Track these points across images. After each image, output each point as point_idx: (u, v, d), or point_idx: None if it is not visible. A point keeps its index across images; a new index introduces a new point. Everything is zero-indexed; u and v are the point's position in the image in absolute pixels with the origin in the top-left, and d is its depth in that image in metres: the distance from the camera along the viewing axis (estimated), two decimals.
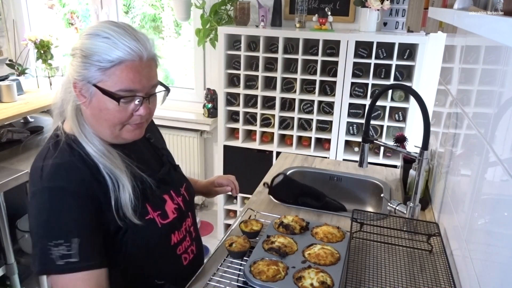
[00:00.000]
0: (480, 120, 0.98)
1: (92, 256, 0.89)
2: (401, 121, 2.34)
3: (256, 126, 2.56)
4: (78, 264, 0.86)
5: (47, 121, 2.74)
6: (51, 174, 0.90)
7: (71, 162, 0.93)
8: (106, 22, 0.94)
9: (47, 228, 0.88)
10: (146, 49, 0.92)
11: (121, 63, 0.89)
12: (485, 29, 0.65)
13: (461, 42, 1.33)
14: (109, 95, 0.90)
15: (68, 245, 0.86)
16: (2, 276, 2.14)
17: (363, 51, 2.30)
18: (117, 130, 0.96)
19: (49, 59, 2.64)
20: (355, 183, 1.78)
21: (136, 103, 0.93)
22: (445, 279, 1.05)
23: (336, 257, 1.11)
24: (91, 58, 0.89)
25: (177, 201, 1.11)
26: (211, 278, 1.10)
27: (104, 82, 0.90)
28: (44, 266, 0.87)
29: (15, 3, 3.19)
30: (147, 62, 0.93)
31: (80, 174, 0.92)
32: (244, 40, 2.43)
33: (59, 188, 0.89)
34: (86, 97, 0.92)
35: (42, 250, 0.86)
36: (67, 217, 0.88)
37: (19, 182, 1.96)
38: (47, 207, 0.88)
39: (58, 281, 0.88)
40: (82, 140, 0.95)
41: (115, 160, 0.96)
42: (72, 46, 0.94)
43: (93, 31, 0.91)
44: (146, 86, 0.94)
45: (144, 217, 1.00)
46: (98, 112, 0.93)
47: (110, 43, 0.89)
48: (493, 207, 0.82)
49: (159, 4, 3.50)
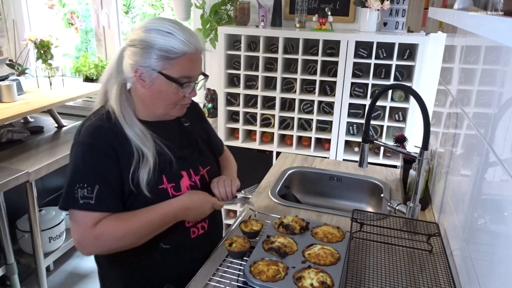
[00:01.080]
0: (480, 120, 0.98)
1: (106, 202, 1.07)
2: (401, 121, 2.34)
3: (256, 126, 2.56)
4: (93, 206, 1.05)
5: (47, 121, 2.74)
6: (85, 132, 1.11)
7: (102, 126, 1.11)
8: (158, 18, 1.11)
9: (77, 174, 1.07)
10: (198, 42, 1.10)
11: (184, 55, 1.07)
12: (485, 29, 0.65)
13: (461, 42, 1.33)
14: (174, 80, 1.08)
15: (90, 190, 1.05)
16: (2, 276, 2.14)
17: (363, 51, 2.30)
18: (170, 108, 1.15)
19: (49, 59, 2.64)
20: (355, 183, 1.78)
21: (190, 87, 1.13)
22: (445, 279, 1.05)
23: (336, 257, 1.11)
24: (157, 49, 1.05)
25: (194, 179, 1.22)
26: (211, 278, 1.10)
27: (168, 69, 1.07)
28: (69, 202, 1.06)
29: (15, 3, 3.19)
30: (199, 55, 1.13)
31: (107, 136, 1.10)
32: (244, 40, 2.43)
33: (88, 144, 1.09)
34: (146, 81, 1.09)
35: (70, 190, 1.06)
36: (92, 167, 1.07)
37: (19, 182, 1.96)
38: (79, 158, 1.08)
39: (74, 215, 1.07)
40: (121, 120, 1.11)
41: (146, 141, 1.12)
42: (131, 38, 1.10)
43: (153, 26, 1.07)
44: (198, 72, 1.14)
45: (158, 186, 1.13)
46: (158, 94, 1.11)
47: (173, 38, 1.05)
48: (493, 207, 0.82)
49: (159, 4, 3.50)
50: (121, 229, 1.07)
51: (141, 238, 1.10)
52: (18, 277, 2.18)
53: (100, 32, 3.13)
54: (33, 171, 2.01)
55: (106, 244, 1.07)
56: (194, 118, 1.33)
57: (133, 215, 1.09)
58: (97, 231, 1.05)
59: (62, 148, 2.30)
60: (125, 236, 1.07)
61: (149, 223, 1.09)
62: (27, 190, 2.05)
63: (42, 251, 2.18)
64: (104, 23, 3.10)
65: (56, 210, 2.44)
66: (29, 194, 2.06)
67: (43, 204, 2.57)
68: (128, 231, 1.07)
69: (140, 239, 1.10)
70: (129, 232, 1.07)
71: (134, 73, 1.09)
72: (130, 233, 1.08)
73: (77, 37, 3.43)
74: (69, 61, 3.39)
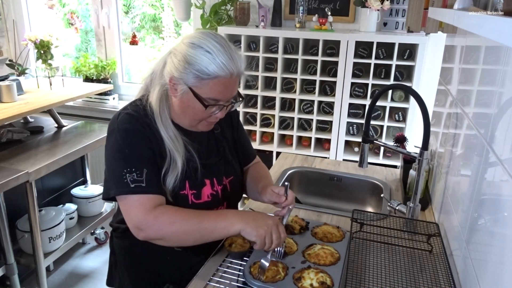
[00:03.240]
0: (480, 120, 0.97)
1: (155, 184, 1.10)
2: (401, 121, 2.34)
3: (256, 126, 2.56)
4: (145, 188, 1.07)
5: (47, 121, 2.74)
6: (122, 119, 1.12)
7: (141, 118, 1.13)
8: (208, 34, 1.09)
9: (123, 159, 1.08)
10: (236, 68, 1.08)
11: (216, 78, 1.05)
12: (485, 29, 0.65)
13: (461, 42, 1.33)
14: (199, 100, 1.08)
15: (139, 173, 1.07)
16: (2, 276, 2.14)
17: (363, 51, 2.30)
18: (195, 123, 1.16)
19: (49, 59, 2.63)
20: (355, 183, 1.78)
21: (217, 108, 1.12)
22: (445, 279, 1.05)
23: (336, 257, 1.11)
24: (192, 66, 1.05)
25: (216, 189, 1.23)
26: (211, 278, 1.10)
27: (198, 88, 1.07)
28: (120, 188, 1.07)
29: (15, 3, 3.19)
30: (235, 79, 1.10)
31: (145, 126, 1.12)
32: (244, 40, 2.43)
33: (127, 130, 1.11)
34: (178, 92, 1.10)
35: (119, 176, 1.07)
36: (137, 151, 1.09)
37: (19, 182, 1.95)
38: (121, 143, 1.09)
39: (128, 200, 1.08)
40: (157, 120, 1.13)
41: (177, 145, 1.14)
42: (174, 47, 1.12)
43: (197, 41, 1.07)
44: (229, 97, 1.12)
45: (180, 191, 1.15)
46: (185, 107, 1.12)
47: (210, 58, 1.04)
48: (493, 207, 0.82)
49: (159, 4, 3.50)
50: (178, 213, 1.08)
51: (192, 232, 1.08)
52: (18, 277, 2.18)
53: (100, 32, 3.13)
54: (33, 171, 2.01)
55: (163, 226, 1.06)
56: (226, 125, 1.32)
57: (191, 209, 1.12)
58: (156, 212, 1.06)
59: (62, 148, 2.30)
60: (181, 221, 1.06)
61: (205, 216, 1.08)
62: (27, 190, 2.05)
63: (42, 251, 2.18)
64: (104, 23, 3.10)
65: (56, 210, 2.44)
66: (29, 194, 2.06)
67: (43, 204, 2.57)
68: (183, 218, 1.07)
69: (191, 233, 1.08)
70: (183, 219, 1.07)
71: (169, 81, 1.10)
72: (183, 222, 1.07)
73: (77, 37, 3.43)
74: (69, 61, 3.39)
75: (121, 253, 1.30)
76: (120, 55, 3.19)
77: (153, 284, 1.25)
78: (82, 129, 2.67)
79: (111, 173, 1.10)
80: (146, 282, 1.27)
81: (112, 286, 1.36)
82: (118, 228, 1.27)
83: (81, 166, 2.92)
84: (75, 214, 2.60)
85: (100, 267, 2.68)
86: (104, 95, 3.12)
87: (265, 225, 1.05)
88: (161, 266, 1.24)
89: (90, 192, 2.73)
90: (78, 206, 2.65)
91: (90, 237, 2.95)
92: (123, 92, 3.24)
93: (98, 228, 2.88)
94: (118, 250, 1.31)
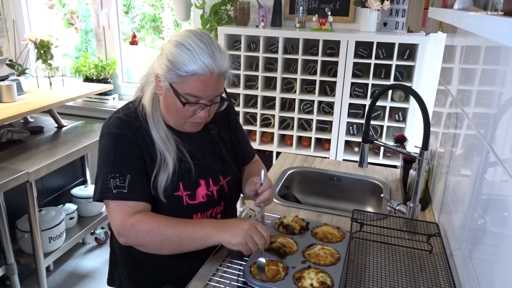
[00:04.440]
0: (480, 120, 0.98)
1: (137, 191, 1.10)
2: (401, 121, 2.34)
3: (256, 126, 2.56)
4: (126, 195, 1.08)
5: (47, 121, 2.74)
6: (112, 124, 1.14)
7: (130, 122, 1.14)
8: (193, 33, 1.10)
9: (108, 164, 1.10)
10: (217, 66, 1.07)
11: (194, 75, 1.06)
12: (485, 29, 0.65)
13: (461, 42, 1.33)
14: (177, 96, 1.08)
15: (122, 179, 1.08)
16: (2, 276, 2.14)
17: (363, 51, 2.30)
18: (181, 122, 1.16)
19: (49, 59, 2.63)
20: (355, 183, 1.78)
21: (199, 107, 1.11)
22: (445, 279, 1.05)
23: (336, 257, 1.11)
24: (173, 63, 1.06)
25: (212, 189, 1.22)
26: (211, 278, 1.10)
27: (177, 84, 1.08)
28: (103, 193, 1.09)
29: (15, 3, 3.19)
30: (216, 77, 1.08)
31: (134, 132, 1.13)
32: (244, 40, 2.43)
33: (116, 135, 1.12)
34: (162, 90, 1.11)
35: (103, 180, 1.09)
36: (123, 157, 1.10)
37: (19, 182, 1.95)
38: (108, 148, 1.11)
39: (110, 205, 1.10)
40: (149, 120, 1.14)
41: (169, 146, 1.14)
42: (162, 45, 1.13)
43: (180, 39, 1.08)
44: (210, 95, 1.10)
45: (174, 192, 1.15)
46: (168, 105, 1.13)
47: (190, 56, 1.05)
48: (493, 207, 0.82)
49: (159, 4, 3.50)
50: (155, 222, 1.07)
51: (169, 242, 1.08)
52: (18, 277, 2.18)
53: (100, 32, 3.13)
54: (33, 171, 2.01)
55: (139, 235, 1.06)
56: (223, 124, 1.32)
57: (170, 218, 1.10)
58: (134, 220, 1.06)
59: (62, 148, 2.30)
60: (157, 231, 1.06)
61: (183, 227, 1.08)
62: (27, 190, 2.05)
63: (42, 251, 2.18)
64: (104, 23, 3.10)
65: (56, 210, 2.44)
66: (29, 194, 2.06)
67: (43, 204, 2.57)
68: (160, 228, 1.06)
69: (167, 243, 1.08)
70: (160, 229, 1.06)
71: (155, 79, 1.12)
72: (160, 232, 1.06)
73: (77, 37, 3.42)
74: (69, 61, 3.39)
75: (121, 253, 1.30)
76: (120, 55, 3.19)
77: (153, 284, 1.25)
78: (82, 129, 2.67)
79: (98, 176, 1.12)
80: (145, 282, 1.27)
81: (112, 286, 1.36)
82: None
83: (81, 166, 2.92)
84: (75, 214, 2.60)
85: (100, 267, 2.68)
86: (104, 95, 3.12)
87: (242, 231, 1.04)
88: (160, 266, 1.24)
89: (90, 192, 2.73)
90: (78, 206, 2.65)
91: (90, 237, 2.95)
92: (123, 92, 3.24)
93: (98, 228, 2.88)
94: (117, 249, 1.31)
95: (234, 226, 1.06)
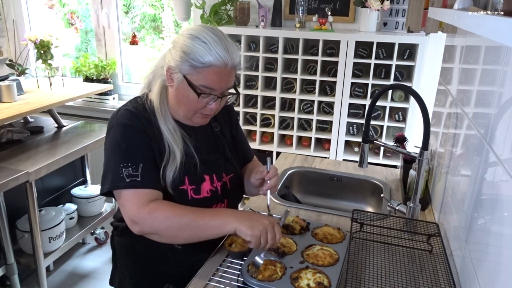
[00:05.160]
0: (480, 120, 0.97)
1: (150, 179, 1.11)
2: (401, 121, 2.34)
3: (256, 126, 2.56)
4: (140, 183, 1.09)
5: (47, 121, 2.74)
6: (121, 115, 1.15)
7: (139, 114, 1.15)
8: (206, 27, 1.12)
9: (120, 154, 1.10)
10: (231, 59, 1.10)
11: (210, 67, 1.08)
12: (485, 29, 0.65)
13: (461, 42, 1.33)
14: (193, 88, 1.10)
15: (135, 168, 1.09)
16: (2, 276, 2.14)
17: (363, 51, 2.30)
18: (190, 114, 1.17)
19: (49, 59, 2.63)
20: (355, 183, 1.78)
21: (211, 98, 1.13)
22: (445, 279, 1.05)
23: (335, 258, 1.11)
24: (187, 55, 1.08)
25: (216, 185, 1.23)
26: (211, 278, 1.10)
27: (192, 76, 1.10)
28: (115, 183, 1.09)
29: (15, 3, 3.19)
30: (230, 70, 1.11)
31: (143, 123, 1.14)
32: (244, 40, 2.43)
33: (126, 125, 1.13)
34: (174, 82, 1.12)
35: (115, 170, 1.09)
36: (134, 146, 1.12)
37: (19, 182, 1.95)
38: (119, 138, 1.11)
39: (123, 195, 1.10)
40: (157, 113, 1.16)
41: (176, 138, 1.16)
42: (174, 39, 1.15)
43: (195, 33, 1.10)
44: (223, 87, 1.13)
45: (179, 186, 1.16)
46: (180, 96, 1.14)
47: (206, 48, 1.07)
48: (493, 207, 0.82)
49: (159, 4, 3.50)
50: (172, 209, 1.08)
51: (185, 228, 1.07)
52: (18, 277, 2.18)
53: (100, 32, 3.13)
54: (33, 171, 2.01)
55: (156, 221, 1.06)
56: (225, 123, 1.34)
57: (186, 206, 1.12)
58: (151, 207, 1.07)
59: (62, 148, 2.30)
60: (174, 217, 1.06)
61: (200, 213, 1.08)
62: (27, 190, 2.05)
63: (42, 251, 2.18)
64: (104, 23, 3.10)
65: (56, 210, 2.44)
66: (29, 194, 2.06)
67: (43, 204, 2.57)
68: (178, 214, 1.07)
69: (184, 230, 1.08)
70: (178, 215, 1.07)
71: (166, 71, 1.13)
72: (177, 218, 1.07)
73: (77, 37, 3.42)
74: (69, 61, 3.39)
75: (122, 252, 1.30)
76: (120, 55, 3.19)
77: (153, 283, 1.25)
78: (82, 129, 2.67)
79: (108, 167, 1.12)
80: (146, 281, 1.27)
81: (113, 285, 1.36)
82: (118, 227, 1.28)
83: (81, 166, 2.92)
84: (75, 214, 2.60)
85: (100, 267, 2.68)
86: (104, 95, 3.12)
87: (261, 224, 1.05)
88: (162, 263, 1.24)
89: (90, 192, 2.73)
90: (78, 206, 2.65)
91: (90, 237, 2.95)
92: (123, 92, 3.24)
93: (98, 228, 2.88)
94: (118, 248, 1.32)
95: (253, 218, 1.07)
